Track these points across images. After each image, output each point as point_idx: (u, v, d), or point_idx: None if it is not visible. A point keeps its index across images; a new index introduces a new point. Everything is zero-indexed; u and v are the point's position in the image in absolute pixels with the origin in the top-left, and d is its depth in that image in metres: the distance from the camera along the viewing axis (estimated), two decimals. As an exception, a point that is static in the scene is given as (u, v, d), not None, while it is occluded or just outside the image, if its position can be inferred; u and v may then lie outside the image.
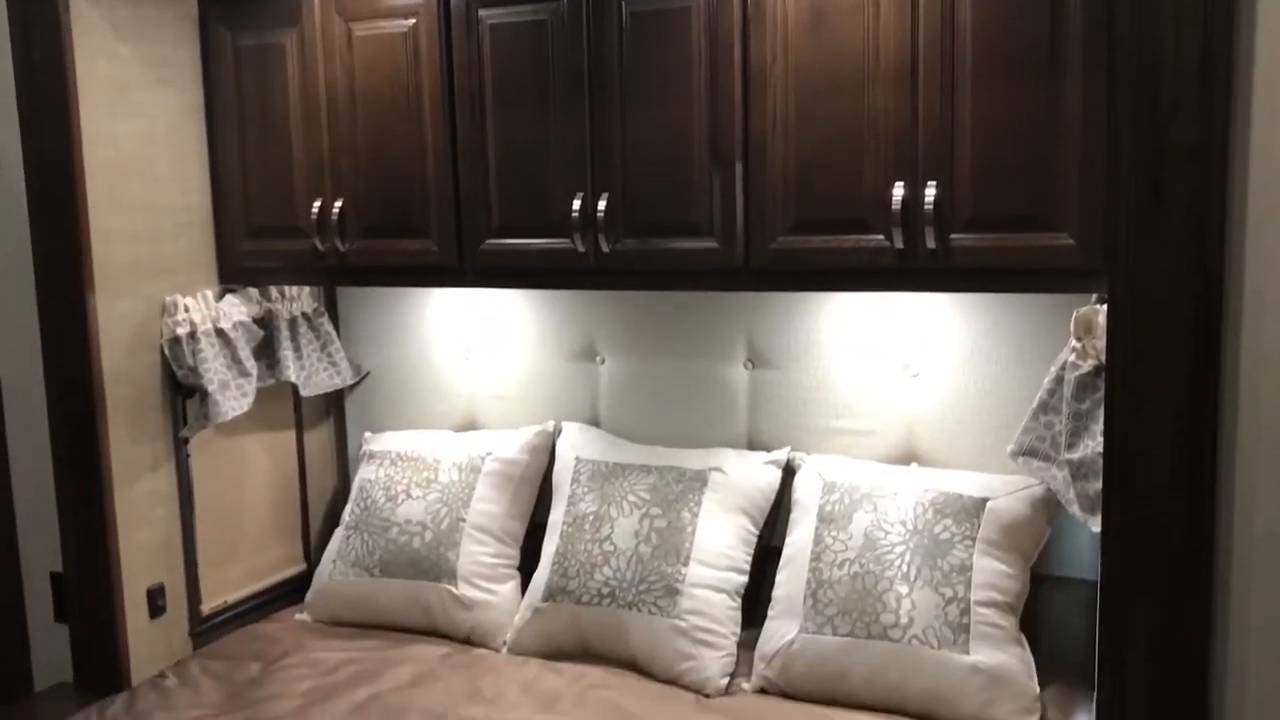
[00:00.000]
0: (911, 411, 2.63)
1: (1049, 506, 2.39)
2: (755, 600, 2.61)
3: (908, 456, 2.64)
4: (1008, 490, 2.42)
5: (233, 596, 3.00)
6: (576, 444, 2.87)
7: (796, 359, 2.74)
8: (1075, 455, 1.98)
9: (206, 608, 2.92)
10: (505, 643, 2.72)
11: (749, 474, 2.69)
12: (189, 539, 2.85)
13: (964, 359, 2.56)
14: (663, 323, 2.86)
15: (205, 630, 2.90)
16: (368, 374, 3.25)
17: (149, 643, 2.75)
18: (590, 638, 2.62)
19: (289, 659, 2.68)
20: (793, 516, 2.61)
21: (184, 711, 2.45)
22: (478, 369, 3.11)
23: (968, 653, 2.27)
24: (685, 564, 2.56)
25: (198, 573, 2.88)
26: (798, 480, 2.65)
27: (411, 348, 3.18)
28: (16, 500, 2.85)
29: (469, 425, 3.12)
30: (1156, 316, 1.72)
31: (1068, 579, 2.50)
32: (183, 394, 2.80)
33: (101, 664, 2.71)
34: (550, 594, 2.66)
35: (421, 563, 2.81)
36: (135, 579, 2.71)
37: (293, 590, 3.13)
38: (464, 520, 2.83)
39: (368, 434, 3.15)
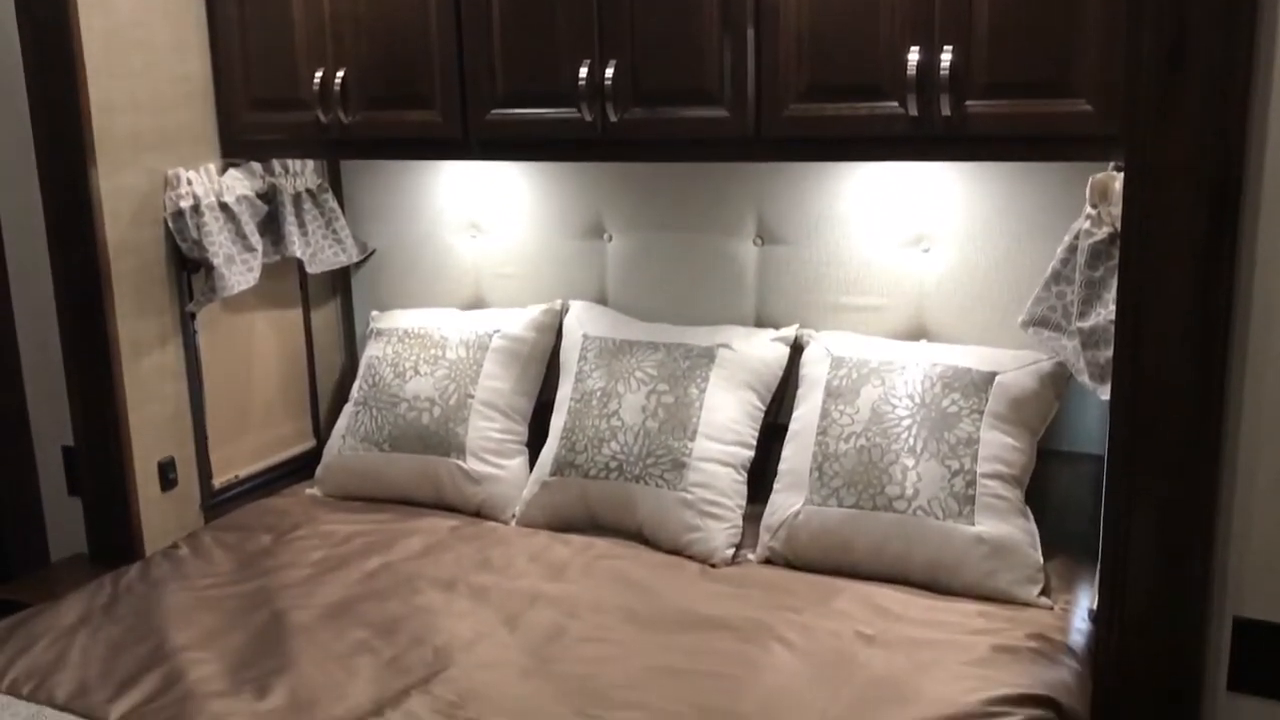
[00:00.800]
0: (922, 287, 2.61)
1: (1057, 381, 2.39)
2: (761, 478, 2.63)
3: (917, 332, 2.63)
4: (1016, 365, 2.41)
5: (243, 471, 3.03)
6: (584, 321, 2.86)
7: (807, 234, 2.70)
8: (1087, 323, 1.96)
9: (217, 482, 2.94)
10: (514, 515, 2.75)
11: (757, 351, 2.68)
12: (198, 414, 2.86)
13: (976, 233, 2.53)
14: (671, 198, 2.82)
15: (216, 504, 2.93)
16: (373, 252, 3.22)
17: (161, 515, 2.78)
18: (598, 510, 2.64)
19: (300, 531, 2.71)
20: (800, 392, 2.61)
21: (197, 580, 2.48)
22: (484, 247, 3.08)
23: (972, 523, 2.28)
24: (692, 439, 2.57)
25: (208, 447, 2.90)
26: (806, 356, 2.64)
27: (417, 225, 3.15)
28: (26, 375, 2.86)
29: (476, 303, 3.11)
30: (1173, 181, 1.69)
31: (1074, 454, 2.51)
32: (188, 269, 2.79)
33: (114, 535, 2.75)
34: (558, 468, 2.68)
35: (430, 438, 2.82)
36: (146, 452, 2.73)
37: (302, 467, 3.16)
38: (472, 397, 2.84)
39: (374, 312, 3.14)
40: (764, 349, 2.68)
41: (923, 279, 2.60)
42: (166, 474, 2.79)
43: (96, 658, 2.14)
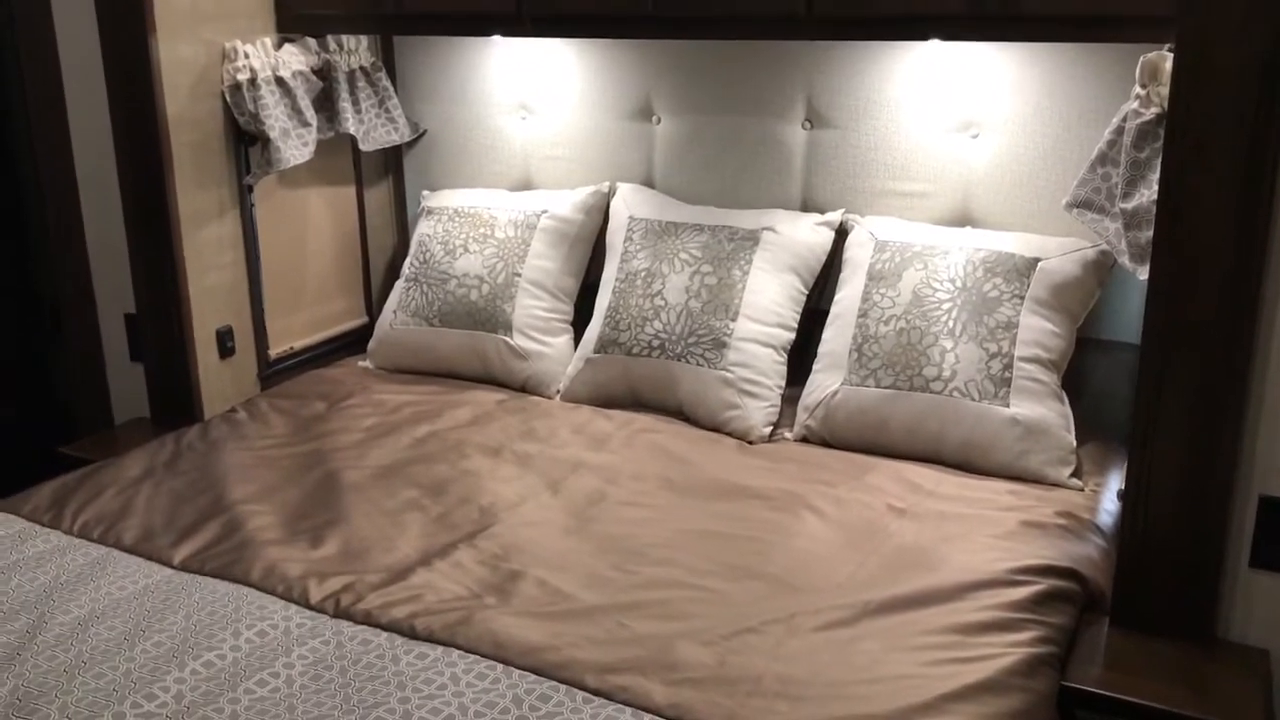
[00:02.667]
0: (969, 173, 2.61)
1: (1100, 269, 2.40)
2: (802, 360, 2.67)
3: (963, 219, 2.63)
4: (1060, 251, 2.42)
5: (298, 343, 3.12)
6: (631, 203, 2.89)
7: (856, 119, 2.70)
8: (1130, 204, 1.97)
9: (273, 352, 3.04)
10: (558, 391, 2.82)
11: (801, 234, 2.70)
12: (255, 285, 2.95)
13: (1025, 119, 2.52)
14: (721, 81, 2.82)
15: (272, 374, 3.03)
16: (425, 132, 3.26)
17: (219, 381, 2.88)
18: (640, 387, 2.70)
19: (353, 399, 2.81)
20: (843, 275, 2.63)
21: (254, 441, 2.59)
22: (534, 128, 3.11)
23: (1007, 405, 2.32)
24: (734, 319, 2.61)
25: (264, 318, 2.99)
26: (850, 240, 2.66)
27: (468, 106, 3.18)
28: (89, 244, 2.95)
29: (525, 185, 3.14)
30: (1223, 57, 1.68)
31: (1116, 343, 2.52)
32: (245, 142, 2.84)
33: (175, 400, 2.85)
34: (602, 346, 2.74)
35: (478, 314, 2.89)
36: (205, 320, 2.82)
37: (355, 342, 3.25)
38: (519, 275, 2.89)
39: (425, 191, 3.19)
40: (809, 233, 2.71)
41: (970, 165, 2.60)
42: (225, 342, 2.88)
43: (160, 507, 2.26)
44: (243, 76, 2.75)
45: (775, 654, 1.74)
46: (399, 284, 3.05)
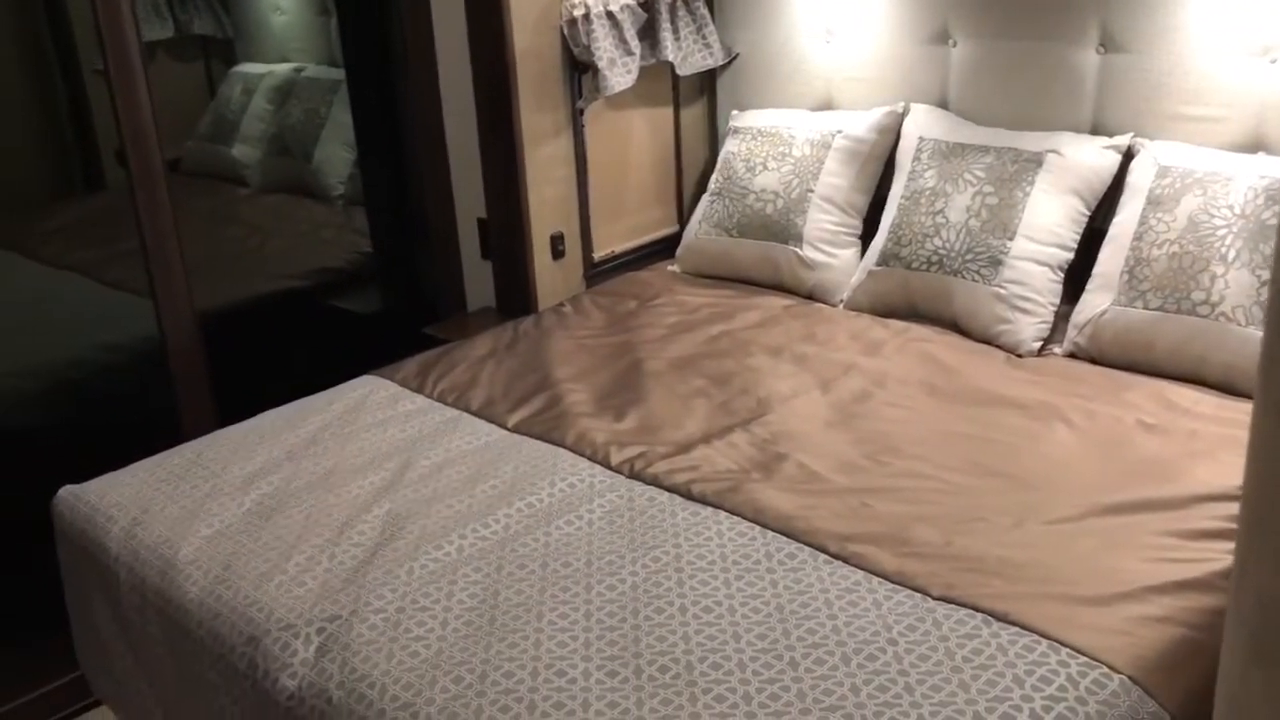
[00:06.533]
0: (1265, 99, 2.59)
1: (1396, 198, 2.36)
2: (1081, 279, 2.77)
3: (1255, 145, 2.62)
4: (1352, 180, 2.39)
5: (618, 248, 3.54)
6: (922, 124, 3.06)
7: (1150, 43, 2.73)
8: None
9: (596, 255, 3.47)
10: (841, 300, 3.07)
11: (1086, 157, 2.78)
12: (583, 197, 3.38)
13: (1328, 43, 2.48)
14: (1016, 5, 2.91)
15: (595, 274, 3.47)
16: (737, 55, 3.54)
17: (551, 280, 3.35)
18: (917, 300, 2.91)
19: (660, 299, 3.19)
20: (1123, 198, 2.70)
21: (577, 330, 3.03)
22: (837, 52, 3.32)
23: (1275, 332, 2.35)
24: (1011, 238, 2.75)
25: (590, 225, 3.42)
26: (1133, 164, 2.72)
27: (777, 31, 3.43)
28: (451, 159, 3.47)
29: (825, 105, 3.37)
30: None
31: None
32: (578, 70, 3.24)
33: (516, 293, 3.36)
34: (884, 259, 2.96)
35: (772, 226, 3.18)
36: (541, 227, 3.29)
37: (666, 247, 3.62)
38: (812, 191, 3.15)
39: (734, 111, 3.48)
40: (1094, 156, 2.78)
41: (1266, 91, 2.58)
42: (556, 246, 3.34)
43: (500, 381, 2.74)
44: (578, 12, 3.14)
45: (999, 540, 1.96)
46: (705, 197, 3.38)
